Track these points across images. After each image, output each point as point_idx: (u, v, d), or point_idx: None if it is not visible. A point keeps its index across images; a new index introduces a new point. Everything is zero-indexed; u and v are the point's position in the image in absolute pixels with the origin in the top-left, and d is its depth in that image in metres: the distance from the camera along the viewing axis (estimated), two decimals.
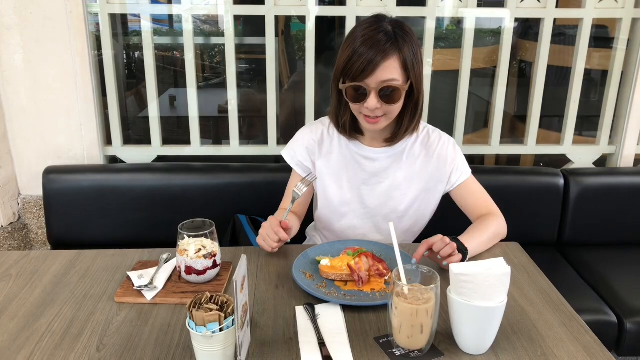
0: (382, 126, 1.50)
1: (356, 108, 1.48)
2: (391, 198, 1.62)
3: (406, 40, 1.42)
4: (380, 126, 1.50)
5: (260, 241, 1.45)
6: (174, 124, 2.91)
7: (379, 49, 1.38)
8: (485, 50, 2.69)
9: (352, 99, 1.46)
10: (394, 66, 1.40)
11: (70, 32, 2.14)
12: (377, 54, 1.38)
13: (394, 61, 1.40)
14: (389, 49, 1.39)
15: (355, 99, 1.45)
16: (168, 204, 2.14)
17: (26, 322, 1.19)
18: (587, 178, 2.24)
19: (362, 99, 1.43)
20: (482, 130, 2.84)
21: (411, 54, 1.43)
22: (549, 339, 1.14)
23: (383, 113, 1.46)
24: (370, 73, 1.39)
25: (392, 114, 1.48)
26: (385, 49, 1.39)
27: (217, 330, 0.99)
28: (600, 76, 2.64)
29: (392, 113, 1.47)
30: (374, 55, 1.38)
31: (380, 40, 1.39)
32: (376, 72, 1.39)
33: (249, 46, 2.94)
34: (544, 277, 1.41)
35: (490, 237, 1.51)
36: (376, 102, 1.42)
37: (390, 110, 1.45)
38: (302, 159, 1.66)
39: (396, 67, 1.41)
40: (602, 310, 1.89)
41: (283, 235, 1.42)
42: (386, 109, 1.44)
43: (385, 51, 1.39)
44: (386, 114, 1.46)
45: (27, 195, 2.35)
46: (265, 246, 1.44)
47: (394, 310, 1.06)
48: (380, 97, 1.42)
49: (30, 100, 2.21)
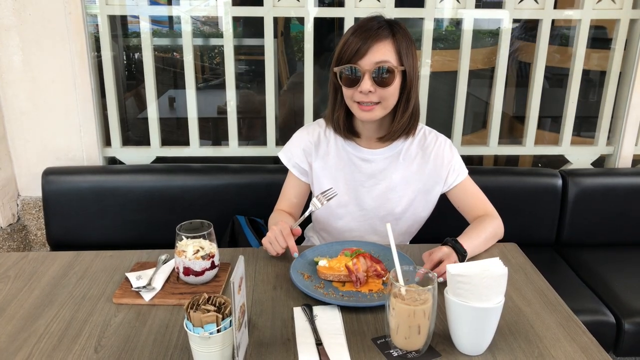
0: (376, 115, 1.49)
1: (350, 94, 1.48)
2: (388, 200, 1.62)
3: (400, 32, 1.46)
4: (375, 115, 1.49)
5: (267, 243, 1.44)
6: (173, 125, 2.91)
7: (372, 32, 1.43)
8: (483, 51, 2.69)
9: (346, 83, 1.47)
10: (387, 48, 1.43)
11: (69, 34, 2.14)
12: (370, 37, 1.42)
13: (388, 44, 1.44)
14: (382, 33, 1.44)
15: (349, 83, 1.46)
16: (167, 205, 2.14)
17: (24, 323, 1.19)
18: (585, 178, 2.25)
19: (356, 83, 1.45)
20: (481, 130, 2.84)
21: (405, 44, 1.46)
22: (546, 339, 1.15)
23: (377, 99, 1.46)
24: (364, 54, 1.42)
25: (386, 102, 1.47)
26: (379, 33, 1.43)
27: (214, 331, 1.00)
28: (599, 77, 2.64)
29: (387, 100, 1.47)
30: (367, 37, 1.42)
31: (373, 27, 1.44)
32: (369, 53, 1.42)
33: (248, 47, 2.94)
34: (541, 277, 1.41)
35: (487, 238, 1.52)
36: (370, 85, 1.43)
37: (384, 95, 1.46)
38: (299, 160, 1.66)
39: (390, 50, 1.44)
40: (600, 311, 1.90)
41: (292, 244, 1.42)
42: (380, 93, 1.45)
43: (378, 34, 1.43)
44: (381, 100, 1.47)
45: (26, 196, 2.35)
46: (270, 249, 1.44)
47: (392, 311, 1.07)
48: (374, 79, 1.43)
49: (30, 102, 2.21)
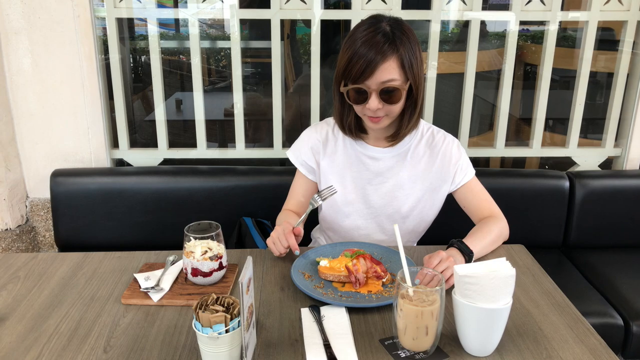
0: (385, 124, 1.52)
1: (359, 109, 1.51)
2: (395, 198, 1.62)
3: (404, 40, 1.43)
4: (383, 124, 1.52)
5: (270, 244, 1.46)
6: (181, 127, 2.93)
7: (377, 50, 1.40)
8: (489, 53, 2.69)
9: (354, 101, 1.48)
10: (392, 67, 1.42)
11: (78, 37, 2.16)
12: (376, 56, 1.40)
13: (393, 62, 1.42)
14: (387, 50, 1.41)
15: (357, 101, 1.47)
16: (174, 206, 2.15)
17: (34, 323, 1.20)
18: (593, 181, 2.23)
19: (364, 101, 1.46)
20: (487, 132, 2.84)
21: (409, 54, 1.44)
22: (554, 340, 1.14)
23: (385, 113, 1.48)
24: (370, 75, 1.41)
25: (393, 113, 1.50)
26: (384, 51, 1.41)
27: (223, 331, 1.00)
28: (605, 78, 2.63)
29: (394, 112, 1.49)
30: (373, 57, 1.40)
31: (379, 42, 1.41)
32: (375, 74, 1.41)
33: (254, 50, 2.95)
34: (548, 278, 1.41)
35: (493, 239, 1.52)
36: (377, 103, 1.44)
37: (391, 110, 1.48)
38: (306, 158, 1.67)
39: (395, 68, 1.42)
40: (608, 313, 1.89)
41: (292, 242, 1.43)
42: (387, 109, 1.47)
43: (383, 52, 1.41)
44: (388, 113, 1.49)
45: (35, 197, 2.37)
46: (274, 250, 1.45)
47: (399, 312, 1.07)
48: (381, 97, 1.44)
49: (38, 104, 2.23)
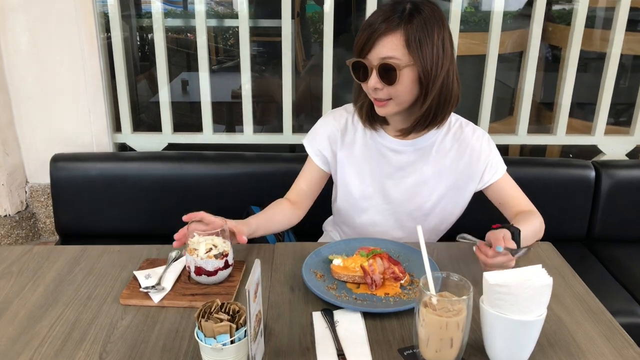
0: (390, 111, 1.38)
1: (365, 88, 1.39)
2: (417, 194, 1.52)
3: (418, 19, 1.29)
4: (388, 110, 1.38)
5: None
6: (187, 109, 2.85)
7: (383, 20, 1.29)
8: (511, 34, 2.56)
9: (357, 77, 1.38)
10: (394, 42, 1.29)
11: (78, 13, 2.06)
12: (380, 26, 1.29)
13: (396, 37, 1.29)
14: (393, 23, 1.28)
15: (359, 77, 1.37)
16: (179, 193, 2.07)
17: (26, 324, 1.12)
18: (620, 170, 2.13)
19: (366, 78, 1.34)
20: (507, 118, 2.72)
21: (420, 34, 1.28)
22: (589, 353, 1.05)
23: (387, 96, 1.35)
24: (371, 48, 1.30)
25: (399, 99, 1.35)
26: (389, 22, 1.29)
27: (227, 342, 0.91)
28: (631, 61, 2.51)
29: (399, 97, 1.35)
30: (377, 27, 1.29)
31: (388, 13, 1.30)
32: (376, 47, 1.30)
33: (263, 29, 2.85)
34: (580, 281, 1.31)
35: (535, 232, 1.41)
36: (376, 81, 1.32)
37: (393, 93, 1.34)
38: (322, 147, 1.55)
39: (397, 44, 1.29)
40: (635, 312, 1.81)
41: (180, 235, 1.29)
42: (389, 91, 1.33)
43: (388, 24, 1.28)
44: (392, 97, 1.35)
45: (35, 183, 2.30)
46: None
47: (421, 322, 0.97)
48: (380, 76, 1.31)
49: (37, 86, 2.15)
